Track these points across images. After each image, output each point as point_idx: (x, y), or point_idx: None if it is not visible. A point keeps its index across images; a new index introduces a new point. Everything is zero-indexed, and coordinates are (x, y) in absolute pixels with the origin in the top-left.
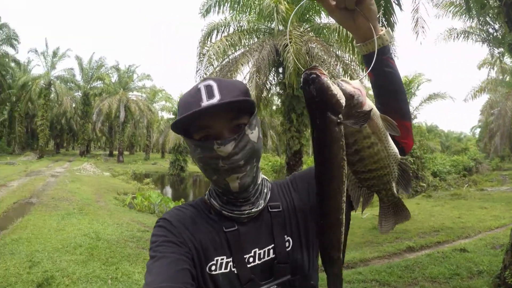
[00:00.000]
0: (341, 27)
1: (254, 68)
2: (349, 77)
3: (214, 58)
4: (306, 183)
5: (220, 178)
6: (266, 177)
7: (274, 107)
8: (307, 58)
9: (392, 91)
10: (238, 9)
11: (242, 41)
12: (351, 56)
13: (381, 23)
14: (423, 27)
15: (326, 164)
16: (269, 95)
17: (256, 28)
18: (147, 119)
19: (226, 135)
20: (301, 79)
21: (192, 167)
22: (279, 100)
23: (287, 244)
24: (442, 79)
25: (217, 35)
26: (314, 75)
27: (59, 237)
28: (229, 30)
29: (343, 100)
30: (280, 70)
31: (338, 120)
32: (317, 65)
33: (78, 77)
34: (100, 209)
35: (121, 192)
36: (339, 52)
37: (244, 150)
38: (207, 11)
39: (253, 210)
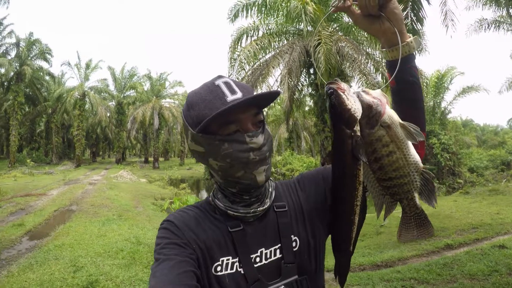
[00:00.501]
0: None
1: (285, 70)
2: (380, 74)
3: (245, 62)
4: (314, 184)
5: (248, 172)
6: (271, 178)
7: (306, 108)
8: (338, 57)
9: (412, 100)
10: (265, 12)
11: (272, 44)
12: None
13: (409, 18)
14: (452, 20)
15: (340, 172)
16: (301, 96)
17: (285, 30)
18: (180, 125)
19: (252, 129)
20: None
21: None
22: (312, 101)
23: (294, 244)
24: (475, 71)
25: (246, 39)
26: (331, 90)
27: (100, 242)
28: (258, 34)
29: (358, 114)
30: (311, 70)
31: (352, 133)
32: (336, 79)
33: (112, 87)
34: (139, 214)
35: (158, 198)
36: (369, 50)
37: (268, 142)
38: (235, 16)
39: (259, 209)
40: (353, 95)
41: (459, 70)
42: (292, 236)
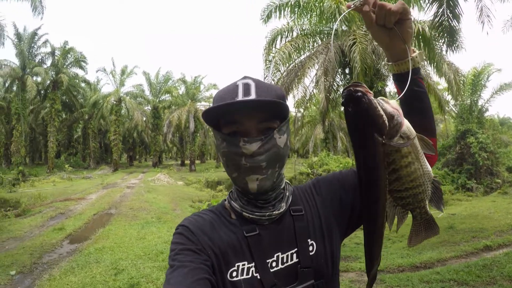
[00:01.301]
0: None
1: (321, 70)
2: None
3: (280, 63)
4: (330, 188)
5: (240, 176)
6: (288, 182)
7: (342, 108)
8: (373, 56)
9: (420, 109)
10: (298, 12)
11: (306, 45)
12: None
13: (445, 15)
14: (488, 16)
15: (373, 186)
16: (337, 97)
17: (319, 31)
18: None
19: (253, 135)
20: (344, 96)
21: None
22: None
23: (310, 248)
24: None
25: (281, 40)
26: (360, 93)
27: (140, 245)
28: (292, 35)
29: (387, 121)
30: (347, 70)
31: (383, 141)
32: (360, 82)
33: (147, 91)
34: (177, 217)
35: (196, 200)
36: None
37: (269, 153)
38: (268, 17)
39: (274, 213)
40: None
41: (496, 67)
42: (309, 240)
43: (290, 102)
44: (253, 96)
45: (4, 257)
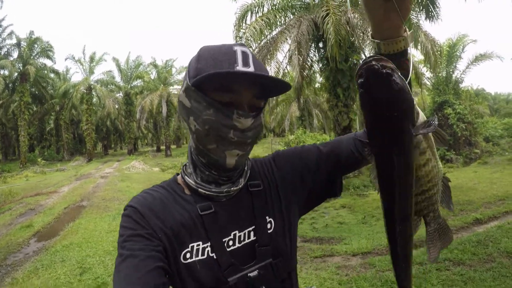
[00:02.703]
0: None
1: (294, 45)
2: None
3: (252, 39)
4: (290, 163)
5: (220, 149)
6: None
7: (317, 85)
8: (348, 28)
9: None
10: None
11: (278, 20)
12: None
13: None
14: None
15: (405, 195)
16: (311, 73)
17: (290, 5)
18: None
19: (245, 109)
20: (365, 74)
21: None
22: (322, 76)
23: (268, 225)
24: (488, 38)
25: (251, 16)
26: (390, 70)
27: (110, 239)
28: (263, 10)
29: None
30: (321, 45)
31: (414, 133)
32: (382, 57)
33: (118, 78)
34: None
35: None
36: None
37: (256, 130)
38: None
39: (232, 189)
40: None
41: (471, 37)
42: (267, 217)
43: None
44: (251, 68)
45: None
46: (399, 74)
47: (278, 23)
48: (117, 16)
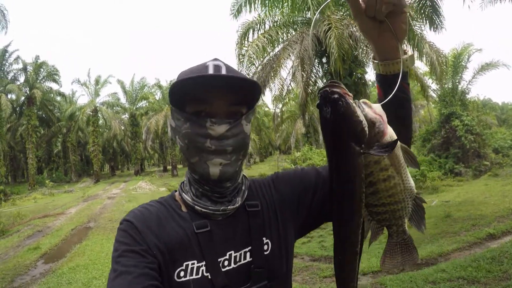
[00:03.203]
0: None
1: (297, 61)
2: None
3: (254, 57)
4: (290, 185)
5: (202, 160)
6: (245, 175)
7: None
8: (351, 41)
9: (400, 117)
10: (269, 4)
11: (280, 36)
12: None
13: None
14: None
15: (348, 199)
16: (315, 89)
17: (292, 21)
18: None
19: (221, 117)
20: (319, 98)
21: (249, 172)
22: None
23: (265, 247)
24: (493, 46)
25: (253, 33)
26: (337, 95)
27: None
28: (264, 27)
29: (367, 128)
30: (324, 60)
31: (361, 151)
32: (338, 82)
33: (123, 99)
34: None
35: None
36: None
37: (236, 138)
38: (238, 11)
39: (229, 208)
40: (357, 105)
41: (476, 46)
42: (264, 238)
43: (267, 97)
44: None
45: None
46: (346, 99)
47: (281, 39)
48: (117, 17)
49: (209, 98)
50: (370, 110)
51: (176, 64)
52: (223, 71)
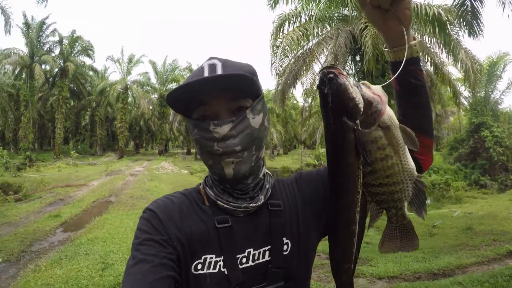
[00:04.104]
0: (418, 6)
1: (330, 57)
2: (429, 61)
3: (288, 49)
4: (312, 185)
5: (216, 162)
6: (269, 172)
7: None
8: None
9: (415, 104)
10: None
11: (316, 30)
12: (432, 38)
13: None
14: None
15: (341, 173)
16: None
17: (329, 16)
18: None
19: (224, 116)
20: (319, 78)
21: (271, 164)
22: None
23: (285, 247)
24: None
25: (289, 26)
26: (332, 75)
27: None
28: (300, 20)
29: (361, 105)
30: (357, 58)
31: (355, 127)
32: (335, 64)
33: (153, 80)
34: None
35: None
36: (417, 34)
37: (242, 134)
38: (275, 3)
39: (251, 205)
40: (354, 86)
41: None
42: (284, 238)
43: (298, 90)
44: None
45: None
46: (340, 77)
47: (315, 34)
48: (128, 8)
49: (207, 100)
50: (369, 90)
51: (209, 50)
52: (219, 69)
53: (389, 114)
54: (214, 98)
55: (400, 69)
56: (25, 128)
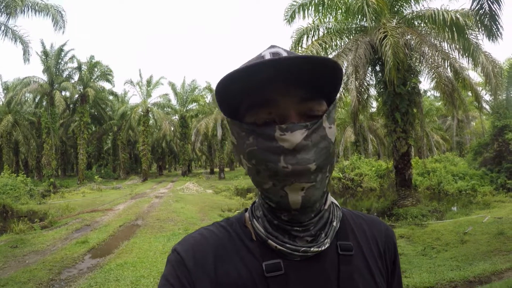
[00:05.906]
0: (436, 12)
1: (351, 68)
2: (449, 66)
3: None
4: (392, 263)
5: (277, 186)
6: (336, 202)
7: (371, 110)
8: (406, 50)
9: None
10: (323, 11)
11: (334, 43)
12: (451, 44)
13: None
14: None
15: None
16: (366, 98)
17: (347, 28)
18: None
19: (293, 119)
20: None
21: None
22: (379, 101)
23: None
24: None
25: (307, 39)
26: None
27: (164, 260)
28: (319, 34)
29: None
30: (378, 68)
31: None
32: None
33: (174, 101)
34: None
35: (225, 209)
36: (435, 42)
37: (318, 147)
38: (292, 17)
39: (312, 249)
40: None
41: None
42: None
43: None
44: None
45: (22, 272)
46: None
47: (334, 46)
48: (139, 28)
49: (272, 98)
50: None
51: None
52: (283, 55)
53: None
54: (282, 96)
55: None
56: (48, 155)
